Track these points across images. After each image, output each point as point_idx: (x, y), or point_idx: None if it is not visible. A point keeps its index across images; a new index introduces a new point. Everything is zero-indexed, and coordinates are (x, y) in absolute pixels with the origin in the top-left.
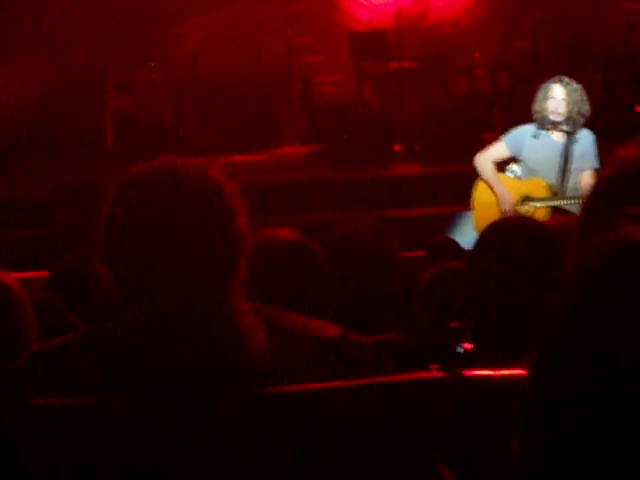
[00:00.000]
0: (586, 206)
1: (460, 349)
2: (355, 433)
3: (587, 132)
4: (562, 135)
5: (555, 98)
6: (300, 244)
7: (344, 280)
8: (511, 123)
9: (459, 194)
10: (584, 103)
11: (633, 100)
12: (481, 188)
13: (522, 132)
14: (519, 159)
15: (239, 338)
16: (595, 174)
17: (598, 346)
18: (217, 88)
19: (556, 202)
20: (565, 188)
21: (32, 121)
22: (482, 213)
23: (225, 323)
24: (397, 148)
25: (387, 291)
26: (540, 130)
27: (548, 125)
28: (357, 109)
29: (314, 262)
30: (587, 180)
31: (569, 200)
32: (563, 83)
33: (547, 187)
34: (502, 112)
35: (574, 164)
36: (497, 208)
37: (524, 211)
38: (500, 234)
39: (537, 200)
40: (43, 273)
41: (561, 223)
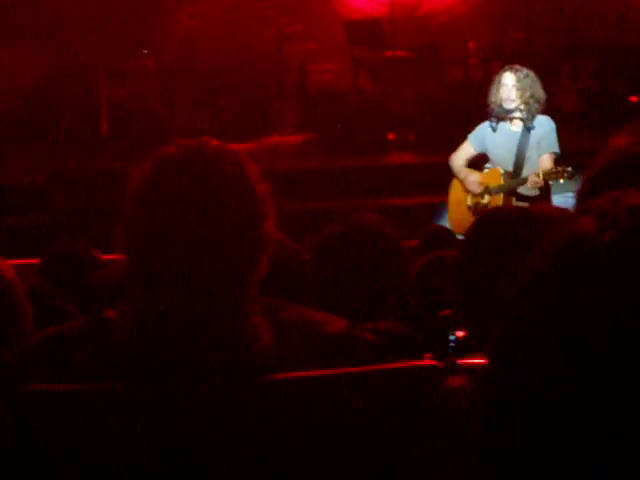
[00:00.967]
0: (579, 195)
1: (452, 337)
2: (349, 420)
3: (546, 119)
4: (519, 124)
5: (506, 85)
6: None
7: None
8: None
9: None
10: (537, 88)
11: (626, 90)
12: (454, 187)
13: (483, 127)
14: (486, 157)
15: (246, 335)
16: (554, 158)
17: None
18: (210, 76)
19: (506, 185)
20: (520, 176)
21: (25, 108)
22: (454, 211)
23: (235, 319)
24: (391, 137)
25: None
26: (498, 122)
27: (503, 114)
28: (351, 98)
29: (295, 264)
30: (544, 163)
31: (517, 181)
32: (513, 70)
33: (502, 173)
34: None
35: (530, 152)
36: (464, 203)
37: (485, 202)
38: (493, 222)
39: (494, 189)
40: (35, 260)
41: (556, 212)
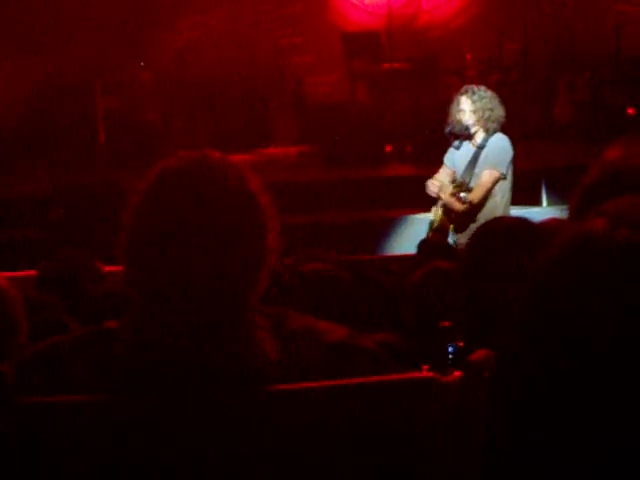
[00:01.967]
0: (572, 207)
1: (451, 348)
2: (346, 432)
3: (500, 138)
4: (478, 141)
5: (464, 110)
6: None
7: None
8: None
9: None
10: (494, 110)
11: (624, 102)
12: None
13: (452, 148)
14: None
15: (248, 347)
16: (494, 175)
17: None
18: (207, 87)
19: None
20: (467, 190)
21: (22, 121)
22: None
23: (237, 330)
24: (388, 149)
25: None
26: (462, 141)
27: (464, 135)
28: (349, 110)
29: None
30: (484, 177)
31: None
32: (469, 94)
33: (451, 186)
34: None
35: (477, 168)
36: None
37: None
38: (492, 233)
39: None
40: (33, 272)
41: (555, 223)
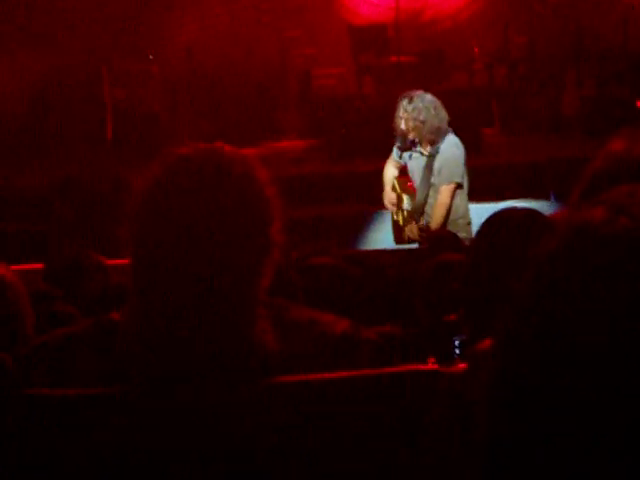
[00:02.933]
0: (575, 197)
1: (458, 341)
2: (348, 424)
3: (449, 144)
4: (428, 148)
5: (402, 117)
6: None
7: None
8: (509, 118)
9: None
10: (429, 121)
11: (632, 96)
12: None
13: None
14: None
15: (252, 339)
16: (452, 189)
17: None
18: (214, 80)
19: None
20: (426, 201)
21: (29, 114)
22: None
23: (241, 323)
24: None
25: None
26: (404, 144)
27: (405, 142)
28: (356, 103)
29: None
30: (441, 196)
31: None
32: (404, 101)
33: (405, 202)
34: (500, 107)
35: (433, 178)
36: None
37: (401, 223)
38: (500, 225)
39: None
40: (39, 265)
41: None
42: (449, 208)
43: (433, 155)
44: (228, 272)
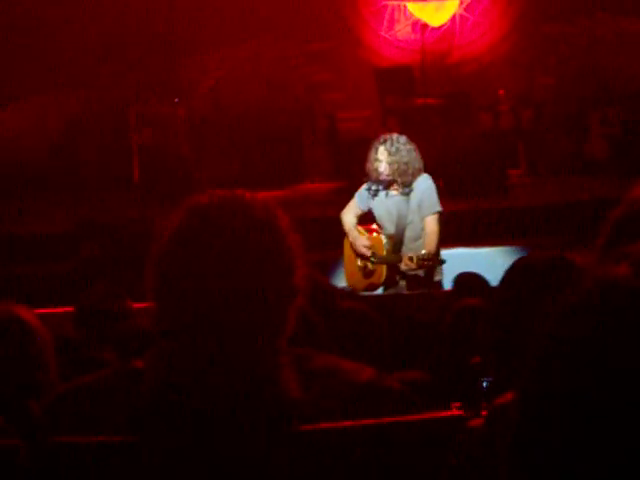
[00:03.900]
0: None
1: (485, 384)
2: (372, 472)
3: (422, 179)
4: (398, 189)
5: (381, 161)
6: None
7: None
8: (535, 160)
9: (481, 232)
10: (411, 163)
11: None
12: (346, 244)
13: (367, 189)
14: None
15: (276, 387)
16: (437, 217)
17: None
18: (240, 123)
19: (387, 259)
20: (402, 241)
21: (56, 155)
22: (347, 265)
23: (265, 371)
24: None
25: None
26: (377, 187)
27: (381, 184)
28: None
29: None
30: (428, 226)
31: (397, 258)
32: (387, 144)
33: (384, 243)
34: (526, 149)
35: (410, 216)
36: (355, 263)
37: (372, 267)
38: (525, 269)
39: (377, 258)
40: (69, 309)
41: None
42: (439, 235)
43: (408, 194)
44: (251, 320)
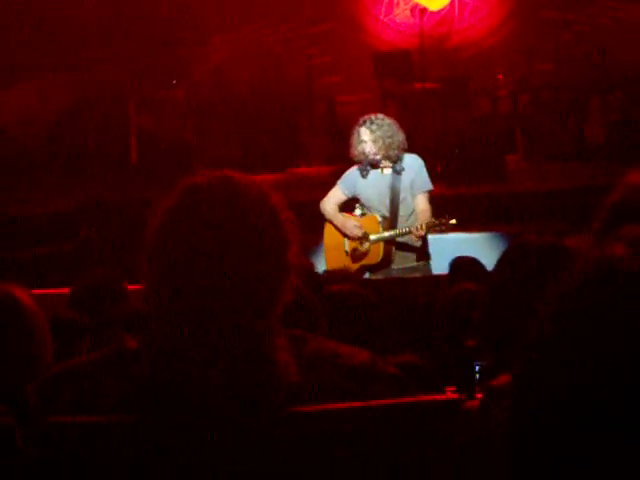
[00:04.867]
0: (594, 228)
1: (477, 367)
2: (369, 453)
3: (413, 158)
4: (389, 168)
5: (365, 141)
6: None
7: None
8: (533, 145)
9: (478, 217)
10: (394, 137)
11: None
12: (327, 231)
13: (353, 173)
14: (358, 199)
15: (271, 368)
16: (428, 195)
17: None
18: (240, 106)
19: (387, 235)
20: (397, 219)
21: (55, 137)
22: (330, 255)
23: (259, 350)
24: None
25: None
26: (367, 168)
27: (370, 165)
28: None
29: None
30: (421, 203)
31: (399, 231)
32: (367, 124)
33: (380, 221)
34: (524, 134)
35: (403, 194)
36: (342, 248)
37: (364, 248)
38: (521, 254)
39: (373, 236)
40: (65, 290)
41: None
42: (431, 213)
43: (399, 172)
44: (245, 298)
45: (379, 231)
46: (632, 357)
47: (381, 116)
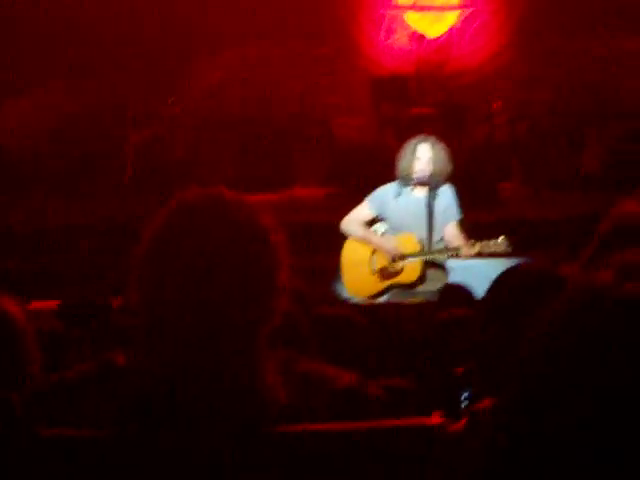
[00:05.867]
0: (584, 258)
1: (466, 394)
2: (355, 475)
3: (449, 187)
4: (424, 191)
5: (421, 159)
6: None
7: None
8: (529, 173)
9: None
10: (449, 164)
11: None
12: (349, 248)
13: (384, 192)
14: (383, 218)
15: (257, 389)
16: (458, 225)
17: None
18: (235, 126)
19: (427, 256)
20: (432, 242)
21: (50, 151)
22: (352, 273)
23: (245, 370)
24: None
25: None
26: (402, 188)
27: (411, 183)
28: (376, 153)
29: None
30: (451, 232)
31: (438, 253)
32: (429, 143)
33: (418, 242)
34: (520, 162)
35: (438, 218)
36: (367, 266)
37: (398, 267)
38: (512, 281)
39: (409, 255)
40: (54, 302)
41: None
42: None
43: (434, 197)
44: (233, 317)
45: (416, 250)
46: (619, 379)
47: (439, 141)
